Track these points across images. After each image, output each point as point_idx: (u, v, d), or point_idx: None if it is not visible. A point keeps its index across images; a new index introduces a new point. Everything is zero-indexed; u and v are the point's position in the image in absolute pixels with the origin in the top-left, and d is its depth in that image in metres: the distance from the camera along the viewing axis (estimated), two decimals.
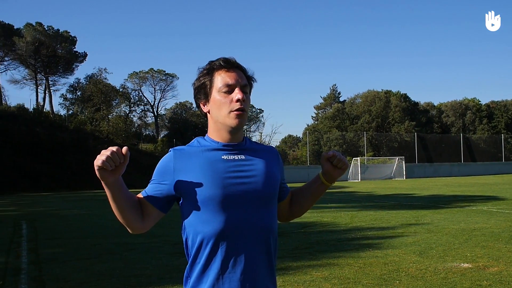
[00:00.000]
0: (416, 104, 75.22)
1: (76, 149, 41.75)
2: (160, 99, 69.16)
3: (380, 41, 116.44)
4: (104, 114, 56.15)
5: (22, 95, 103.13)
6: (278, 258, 6.32)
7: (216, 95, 1.94)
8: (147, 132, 70.10)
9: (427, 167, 55.81)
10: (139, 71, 66.96)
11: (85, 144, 43.47)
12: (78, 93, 62.05)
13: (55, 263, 7.97)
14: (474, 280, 6.20)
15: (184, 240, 1.95)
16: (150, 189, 1.94)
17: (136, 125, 66.66)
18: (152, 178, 1.96)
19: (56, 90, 68.40)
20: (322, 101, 79.79)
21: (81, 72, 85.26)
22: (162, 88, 68.48)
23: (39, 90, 59.65)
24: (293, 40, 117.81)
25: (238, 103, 1.89)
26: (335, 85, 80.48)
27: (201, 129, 65.21)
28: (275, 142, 79.97)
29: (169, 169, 1.91)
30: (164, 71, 67.39)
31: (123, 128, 54.36)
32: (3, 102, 53.49)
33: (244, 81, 1.96)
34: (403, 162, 51.48)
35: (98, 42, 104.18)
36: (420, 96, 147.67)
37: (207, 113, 2.00)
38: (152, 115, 69.85)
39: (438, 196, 22.06)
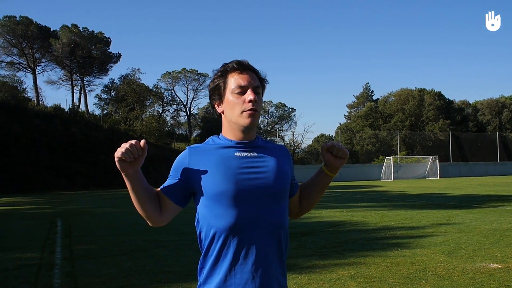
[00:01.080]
0: (450, 102, 73.97)
1: (110, 148, 42.30)
2: (192, 99, 69.80)
3: (413, 39, 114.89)
4: (138, 113, 56.96)
5: (59, 95, 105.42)
6: (305, 257, 6.42)
7: (229, 96, 2.03)
8: (180, 131, 70.78)
9: (461, 166, 54.85)
10: (172, 71, 67.66)
11: (119, 143, 42.66)
12: (113, 93, 63.08)
13: (87, 259, 8.20)
14: (503, 280, 6.13)
15: (198, 233, 2.04)
16: (167, 184, 2.04)
17: (169, 124, 67.39)
18: (169, 174, 2.06)
19: (91, 91, 69.80)
20: (355, 99, 79.28)
21: (115, 72, 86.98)
22: (195, 88, 69.06)
23: (74, 91, 60.85)
24: (326, 39, 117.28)
25: (250, 104, 1.98)
26: (368, 83, 79.93)
27: None
28: (307, 141, 79.94)
29: (185, 166, 2.02)
30: (197, 71, 67.92)
31: (156, 127, 55.04)
32: (40, 102, 54.74)
33: (257, 82, 2.04)
34: (437, 161, 50.74)
35: (131, 43, 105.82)
36: (455, 94, 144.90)
37: (221, 113, 2.09)
38: (185, 114, 70.48)
39: (471, 195, 21.71)
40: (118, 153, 1.88)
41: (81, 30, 56.61)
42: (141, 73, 63.71)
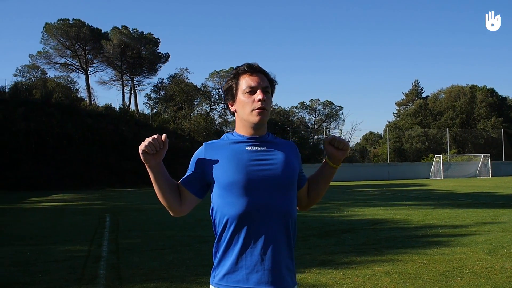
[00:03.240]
0: (504, 99, 71.73)
1: None
2: None
3: (464, 34, 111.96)
4: (186, 112, 57.85)
5: (110, 95, 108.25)
6: (342, 253, 6.56)
7: (241, 96, 2.21)
8: (228, 130, 71.37)
9: None
10: (220, 70, 68.13)
11: (168, 142, 44.96)
12: (162, 93, 64.22)
13: (132, 252, 8.54)
14: None
15: (212, 220, 2.23)
16: (186, 176, 2.25)
17: (217, 123, 68.11)
18: (188, 168, 2.27)
19: (141, 90, 71.31)
20: (404, 97, 77.97)
21: (164, 72, 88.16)
22: None
23: (125, 91, 62.37)
24: (375, 37, 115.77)
25: (259, 103, 2.16)
26: (417, 80, 78.38)
27: (281, 127, 65.62)
28: (355, 139, 79.06)
29: (201, 159, 2.22)
30: None
31: (204, 126, 55.78)
32: (92, 102, 56.41)
33: (266, 83, 2.22)
34: (489, 159, 49.42)
35: (179, 43, 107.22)
36: (509, 90, 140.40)
37: (234, 112, 2.28)
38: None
39: None
40: (142, 146, 2.10)
41: (131, 31, 57.93)
42: (189, 73, 64.61)
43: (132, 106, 60.62)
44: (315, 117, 73.51)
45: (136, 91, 62.44)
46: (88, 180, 36.10)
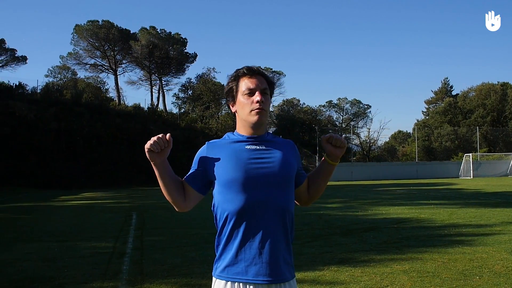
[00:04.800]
0: None
1: (187, 146, 43.60)
2: None
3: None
4: (213, 112, 58.22)
5: (138, 95, 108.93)
6: (363, 251, 6.63)
7: (240, 97, 2.33)
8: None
9: None
10: None
11: (195, 141, 45.30)
12: (189, 92, 64.75)
13: (155, 249, 8.73)
14: None
15: (214, 215, 2.34)
16: (189, 174, 2.38)
17: None
18: (192, 166, 2.39)
19: (169, 90, 71.77)
20: (433, 95, 76.98)
21: (192, 72, 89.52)
22: None
23: (153, 90, 63.07)
24: (404, 35, 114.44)
25: (257, 104, 2.26)
26: (447, 78, 77.25)
27: (309, 126, 65.50)
28: (383, 138, 78.46)
29: (203, 158, 2.34)
30: (271, 69, 68.11)
31: (232, 125, 55.99)
32: (121, 102, 57.18)
33: (264, 85, 2.32)
34: None
35: (206, 43, 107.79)
36: None
37: (235, 113, 2.39)
38: None
39: None
40: (147, 145, 2.25)
41: (159, 32, 58.55)
42: (216, 72, 64.84)
43: (160, 106, 61.31)
44: (342, 116, 73.16)
45: (164, 90, 63.18)
46: (116, 179, 36.70)
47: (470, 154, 49.21)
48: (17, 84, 45.38)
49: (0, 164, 34.15)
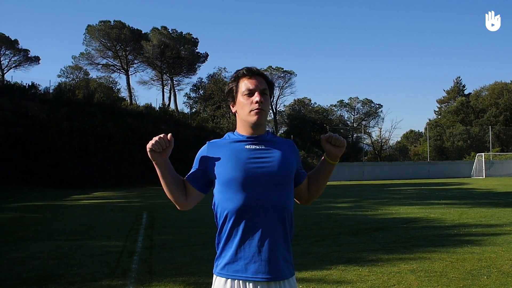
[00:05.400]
0: None
1: (198, 146, 42.49)
2: (278, 96, 70.08)
3: (507, 29, 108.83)
4: (224, 111, 58.28)
5: (150, 95, 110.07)
6: (371, 251, 6.63)
7: (240, 98, 2.36)
8: (267, 129, 71.18)
9: None
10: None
11: (206, 140, 45.30)
12: (201, 92, 64.94)
13: (164, 248, 8.78)
14: None
15: (214, 213, 2.39)
16: (191, 173, 2.42)
17: None
18: (193, 165, 2.42)
19: (180, 90, 72.18)
20: (445, 94, 76.63)
21: (203, 71, 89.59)
22: (281, 85, 69.17)
23: (165, 90, 63.37)
24: (415, 33, 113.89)
25: (257, 104, 2.30)
26: (459, 77, 76.81)
27: (320, 125, 65.40)
28: (395, 137, 78.16)
29: (204, 157, 2.38)
30: (282, 68, 68.11)
31: None
32: (133, 102, 57.47)
33: (263, 86, 2.36)
34: None
35: (218, 42, 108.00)
36: None
37: (235, 113, 2.42)
38: (271, 111, 71.00)
39: None
40: (149, 145, 2.29)
41: (170, 32, 58.75)
42: (227, 72, 64.84)
43: (172, 106, 61.53)
44: (354, 116, 72.98)
45: (176, 90, 63.38)
46: (128, 178, 36.90)
47: (483, 153, 48.93)
48: (30, 84, 45.74)
49: (13, 164, 34.47)
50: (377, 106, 72.69)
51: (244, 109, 2.33)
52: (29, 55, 58.84)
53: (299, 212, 14.38)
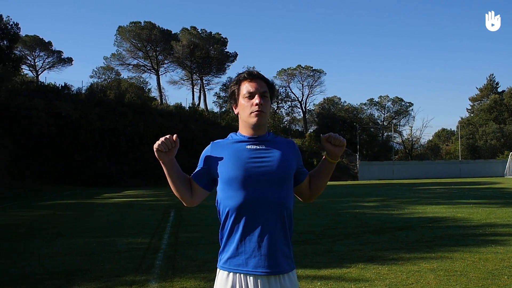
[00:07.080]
0: None
1: None
2: (308, 95, 69.98)
3: None
4: None
5: (180, 94, 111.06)
6: (393, 249, 6.69)
7: (241, 100, 2.48)
8: (297, 128, 71.32)
9: None
10: (287, 68, 68.39)
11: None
12: None
13: (189, 245, 8.97)
14: None
15: (217, 210, 2.50)
16: (196, 171, 2.55)
17: (284, 120, 68.38)
18: (198, 164, 2.56)
19: (210, 89, 72.68)
20: (478, 92, 75.35)
21: (233, 71, 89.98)
22: (310, 84, 69.10)
23: (194, 90, 63.97)
24: (448, 31, 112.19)
25: (257, 106, 2.41)
26: (493, 75, 75.49)
27: (350, 124, 65.06)
28: (426, 136, 77.26)
29: (208, 157, 2.51)
30: (312, 67, 68.03)
31: (272, 124, 56.19)
32: (163, 101, 58.17)
33: (264, 88, 2.47)
34: None
35: (247, 42, 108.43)
36: None
37: (237, 114, 2.54)
38: (300, 110, 71.01)
39: None
40: (156, 145, 2.44)
41: (200, 32, 59.27)
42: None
43: (202, 105, 62.08)
44: (384, 114, 72.39)
45: (205, 90, 63.97)
46: (158, 177, 36.90)
47: None
48: (63, 85, 46.84)
49: (46, 163, 35.34)
50: (408, 104, 71.95)
51: (245, 111, 2.44)
52: (62, 57, 60.21)
53: (325, 212, 14.43)
